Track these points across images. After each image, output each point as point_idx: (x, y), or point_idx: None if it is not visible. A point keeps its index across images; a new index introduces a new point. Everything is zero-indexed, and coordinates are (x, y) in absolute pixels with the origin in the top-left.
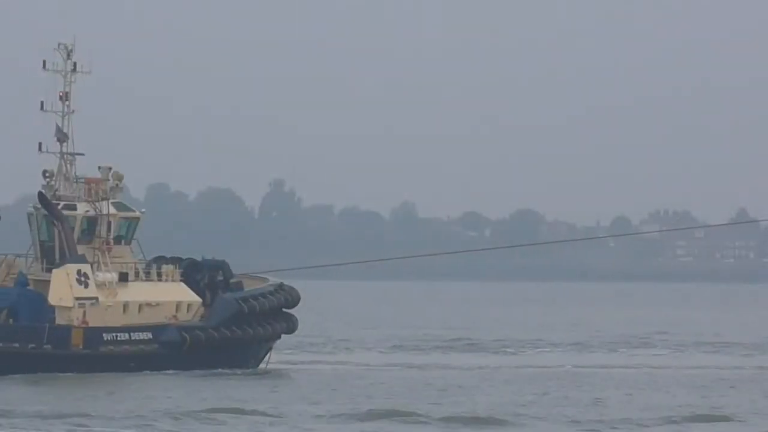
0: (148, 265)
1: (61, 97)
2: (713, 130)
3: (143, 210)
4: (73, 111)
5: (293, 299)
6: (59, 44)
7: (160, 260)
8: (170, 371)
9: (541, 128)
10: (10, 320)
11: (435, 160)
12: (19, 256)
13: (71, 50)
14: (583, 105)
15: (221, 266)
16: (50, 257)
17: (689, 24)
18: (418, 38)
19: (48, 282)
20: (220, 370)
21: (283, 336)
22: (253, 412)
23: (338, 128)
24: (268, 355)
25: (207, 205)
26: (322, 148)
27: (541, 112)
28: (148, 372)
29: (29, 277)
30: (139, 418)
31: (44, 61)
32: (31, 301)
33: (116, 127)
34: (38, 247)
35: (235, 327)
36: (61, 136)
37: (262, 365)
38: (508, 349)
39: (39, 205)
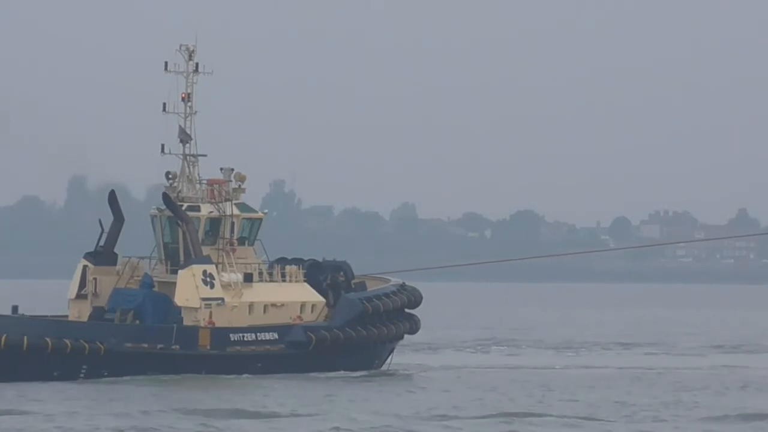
0: (271, 266)
1: (183, 99)
2: (713, 130)
3: (266, 211)
4: (196, 112)
5: (416, 299)
6: (180, 45)
7: (282, 261)
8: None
9: (541, 129)
10: (137, 321)
11: (435, 160)
12: (142, 258)
13: (193, 51)
14: (583, 105)
15: (342, 267)
16: (174, 259)
17: (692, 26)
18: (418, 40)
19: (172, 283)
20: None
21: (406, 336)
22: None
23: (338, 129)
24: (391, 356)
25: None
26: (323, 149)
27: (541, 112)
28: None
29: (153, 278)
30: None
31: (166, 63)
32: (156, 302)
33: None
34: (162, 248)
35: (360, 327)
36: (184, 137)
37: (384, 366)
38: None
39: (162, 207)
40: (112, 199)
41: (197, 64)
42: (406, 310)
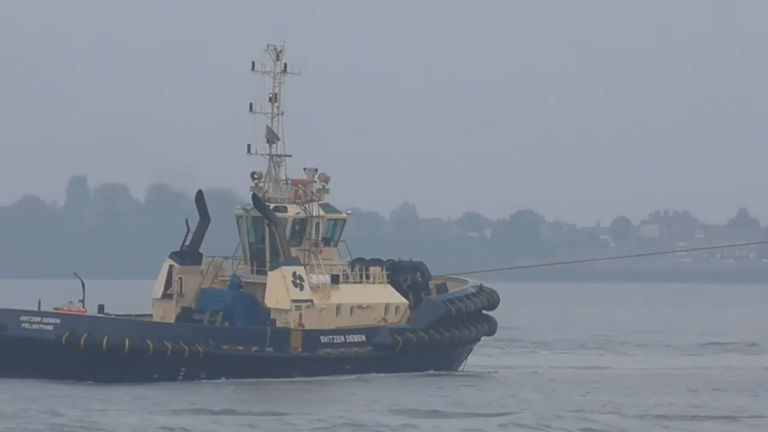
0: (351, 266)
1: (270, 99)
2: (713, 130)
3: (349, 212)
4: (282, 112)
5: (494, 301)
6: (268, 45)
7: (360, 262)
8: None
9: (541, 129)
10: (225, 322)
11: (435, 160)
12: (226, 258)
13: (281, 52)
14: (583, 105)
15: (419, 267)
16: (260, 259)
17: (692, 26)
18: (421, 42)
19: (257, 284)
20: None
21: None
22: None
23: (338, 129)
24: (467, 357)
25: (207, 205)
26: (322, 149)
27: (540, 112)
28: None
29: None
30: None
31: (253, 63)
32: (244, 303)
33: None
34: (247, 249)
35: (443, 329)
36: (272, 137)
37: (460, 368)
38: None
39: (248, 207)
40: (199, 199)
41: (285, 64)
42: (484, 312)
